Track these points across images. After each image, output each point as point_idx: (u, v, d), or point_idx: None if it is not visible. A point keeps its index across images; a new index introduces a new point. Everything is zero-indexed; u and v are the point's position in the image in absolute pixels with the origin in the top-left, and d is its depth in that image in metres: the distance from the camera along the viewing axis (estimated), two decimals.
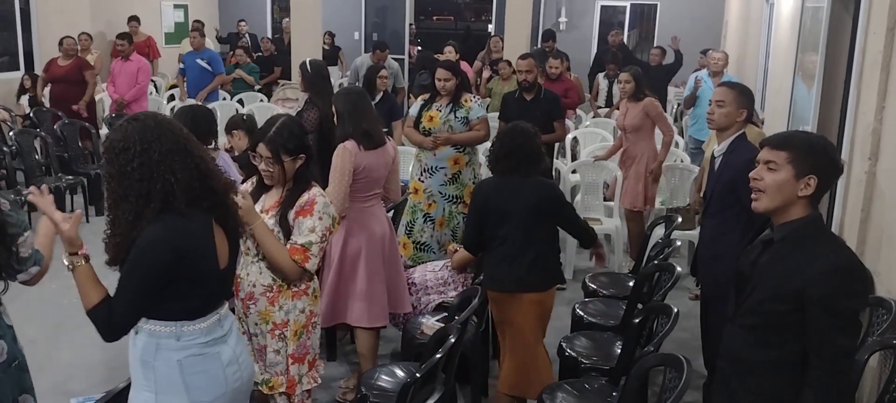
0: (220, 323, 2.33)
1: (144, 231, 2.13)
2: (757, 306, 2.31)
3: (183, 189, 2.16)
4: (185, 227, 2.17)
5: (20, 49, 10.63)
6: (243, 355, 2.43)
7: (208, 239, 2.25)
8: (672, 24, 14.03)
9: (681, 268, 3.65)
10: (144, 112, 2.30)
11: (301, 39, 10.00)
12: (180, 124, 2.30)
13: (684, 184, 6.40)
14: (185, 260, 2.16)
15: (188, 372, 2.25)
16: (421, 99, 5.43)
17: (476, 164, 5.36)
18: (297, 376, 3.01)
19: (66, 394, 3.78)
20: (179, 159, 2.18)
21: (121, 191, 2.16)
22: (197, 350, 2.26)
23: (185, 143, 2.22)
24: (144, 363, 2.27)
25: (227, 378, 2.32)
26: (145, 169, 2.13)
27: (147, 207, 2.14)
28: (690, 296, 5.46)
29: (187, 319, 2.25)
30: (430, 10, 18.68)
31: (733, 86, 3.73)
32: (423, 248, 5.18)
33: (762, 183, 2.30)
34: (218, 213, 2.28)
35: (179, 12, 13.91)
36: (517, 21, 9.78)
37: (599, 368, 3.49)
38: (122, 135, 2.16)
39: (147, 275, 2.14)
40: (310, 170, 3.00)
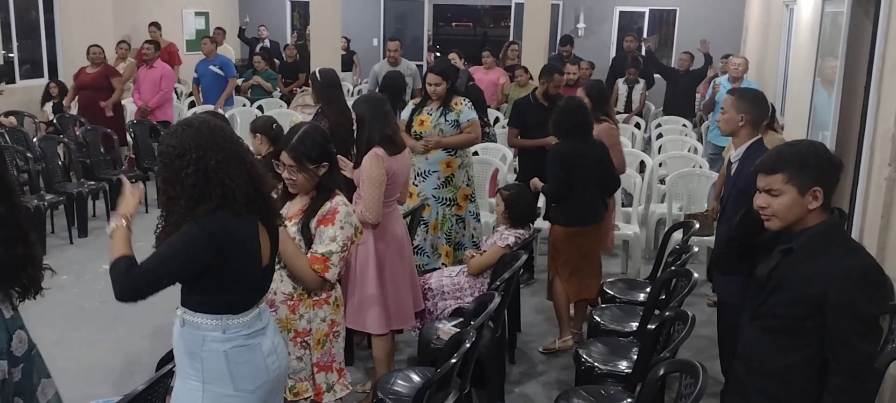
0: (260, 316, 2.44)
1: (197, 221, 2.22)
2: (776, 309, 2.30)
3: (239, 193, 2.26)
4: (234, 227, 2.27)
5: (44, 57, 10.80)
6: (280, 346, 2.53)
7: (255, 239, 2.35)
8: (691, 29, 13.96)
9: (698, 275, 3.63)
10: (198, 117, 2.38)
11: (320, 46, 10.06)
12: (231, 130, 2.39)
13: (702, 190, 6.37)
14: (225, 255, 2.25)
15: (234, 363, 2.36)
16: (412, 103, 5.48)
17: (469, 166, 5.38)
18: (325, 384, 3.01)
19: (86, 396, 3.82)
20: (235, 165, 2.28)
21: (174, 193, 2.26)
22: (241, 342, 2.37)
23: (238, 149, 2.32)
24: (192, 354, 2.37)
25: (267, 368, 2.43)
26: (201, 174, 2.23)
27: (199, 207, 2.24)
28: (709, 302, 5.43)
29: (231, 313, 2.35)
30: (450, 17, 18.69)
31: (734, 92, 3.75)
32: (416, 251, 5.19)
33: (770, 209, 2.31)
34: (263, 214, 2.39)
35: (200, 19, 14.05)
36: (535, 27, 9.79)
37: (615, 374, 3.47)
38: (177, 142, 2.26)
39: (180, 260, 2.23)
40: (334, 178, 3.01)
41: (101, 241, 6.80)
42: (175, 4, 13.20)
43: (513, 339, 4.69)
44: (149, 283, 2.23)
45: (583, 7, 15.05)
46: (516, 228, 4.37)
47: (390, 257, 3.84)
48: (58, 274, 5.71)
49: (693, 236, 4.57)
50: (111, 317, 5.08)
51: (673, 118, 9.58)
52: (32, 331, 2.71)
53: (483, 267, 4.27)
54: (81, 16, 10.87)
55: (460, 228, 5.27)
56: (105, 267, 2.30)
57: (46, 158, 6.98)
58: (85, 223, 6.90)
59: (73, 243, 6.64)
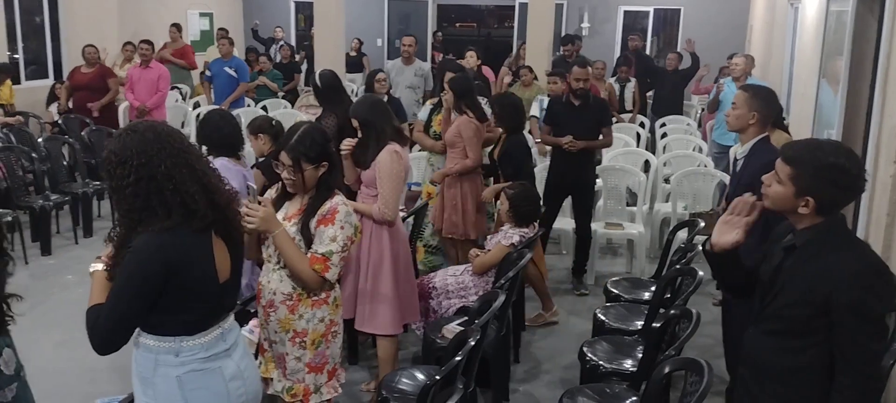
0: (223, 337, 2.27)
1: (137, 240, 2.08)
2: (781, 311, 2.29)
3: (190, 204, 2.11)
4: (179, 240, 2.11)
5: (49, 57, 10.83)
6: (249, 369, 2.36)
7: (205, 253, 2.18)
8: (695, 29, 13.94)
9: (703, 273, 3.63)
10: (144, 123, 2.21)
11: (324, 47, 10.08)
12: (182, 135, 2.24)
13: (707, 189, 6.35)
14: (176, 273, 2.10)
15: (188, 388, 2.20)
16: (429, 103, 5.46)
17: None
18: (313, 386, 2.97)
19: (92, 395, 3.82)
20: (186, 173, 2.13)
21: (117, 204, 2.13)
22: (197, 366, 2.20)
23: (188, 157, 2.16)
24: (144, 379, 2.23)
25: (229, 393, 2.26)
26: (143, 184, 2.08)
27: (142, 221, 2.10)
28: (714, 302, 5.42)
29: (186, 334, 2.19)
30: (454, 17, 18.71)
31: (747, 89, 3.72)
32: (433, 251, 5.19)
33: (768, 190, 2.33)
34: (218, 227, 2.22)
35: (205, 20, 14.08)
36: (539, 27, 9.77)
37: (620, 372, 3.47)
38: (119, 148, 2.11)
39: (134, 285, 2.08)
40: (333, 177, 2.97)
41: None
42: (180, 5, 13.22)
43: (517, 338, 4.68)
44: (117, 328, 2.10)
45: (587, 6, 15.04)
46: (520, 227, 4.37)
47: (403, 254, 3.86)
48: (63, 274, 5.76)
49: (698, 235, 4.56)
50: None
51: (678, 117, 9.57)
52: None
53: (487, 266, 4.26)
54: (86, 17, 10.90)
55: None
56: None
57: (51, 158, 7.00)
58: (90, 223, 6.92)
59: (78, 243, 6.66)
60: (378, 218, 3.70)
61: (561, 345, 4.87)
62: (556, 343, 4.91)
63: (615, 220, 6.14)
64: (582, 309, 5.42)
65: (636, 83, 9.82)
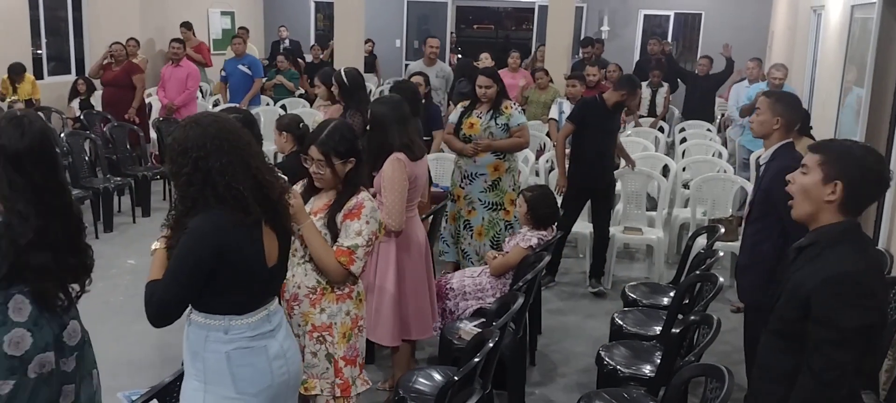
0: (269, 318, 2.39)
1: (192, 222, 2.22)
2: (779, 313, 2.29)
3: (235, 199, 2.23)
4: (235, 226, 2.23)
5: (72, 54, 10.94)
6: (291, 350, 2.48)
7: (256, 239, 2.30)
8: (716, 33, 13.86)
9: (723, 279, 3.61)
10: (208, 115, 2.36)
11: (344, 47, 10.11)
12: (244, 131, 2.36)
13: (726, 195, 6.32)
14: (227, 257, 2.22)
15: (235, 364, 2.32)
16: (461, 106, 5.44)
17: (516, 171, 5.35)
18: (350, 379, 3.02)
19: (113, 389, 3.85)
20: (240, 170, 2.25)
21: (176, 188, 2.28)
22: (244, 344, 2.33)
23: (243, 154, 2.28)
24: (194, 353, 2.36)
25: (272, 372, 2.38)
26: (198, 175, 2.21)
27: (195, 206, 2.22)
28: (732, 308, 5.39)
29: (235, 314, 2.32)
30: (471, 19, 18.70)
31: (770, 94, 3.71)
32: (463, 255, 5.20)
33: (794, 187, 2.29)
34: (268, 217, 2.34)
35: (226, 19, 14.16)
36: (558, 30, 9.76)
37: (638, 378, 3.46)
38: (182, 138, 2.25)
39: (187, 265, 2.21)
40: (359, 173, 3.01)
41: (126, 237, 6.87)
42: (201, 4, 13.31)
43: (533, 341, 4.67)
44: (170, 304, 2.24)
45: (607, 9, 14.99)
46: (539, 229, 4.36)
47: (412, 266, 3.83)
48: None
49: (718, 241, 4.53)
50: (136, 311, 5.06)
51: (697, 122, 9.51)
52: None
53: (505, 268, 4.26)
54: (109, 14, 11.01)
55: (508, 234, 5.21)
56: (131, 261, 2.34)
57: (73, 154, 7.07)
58: (110, 218, 6.98)
59: (99, 238, 6.72)
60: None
61: (577, 349, 4.86)
62: (573, 347, 4.89)
63: (634, 224, 6.11)
64: (599, 313, 5.41)
65: (668, 88, 9.80)
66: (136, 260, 6.02)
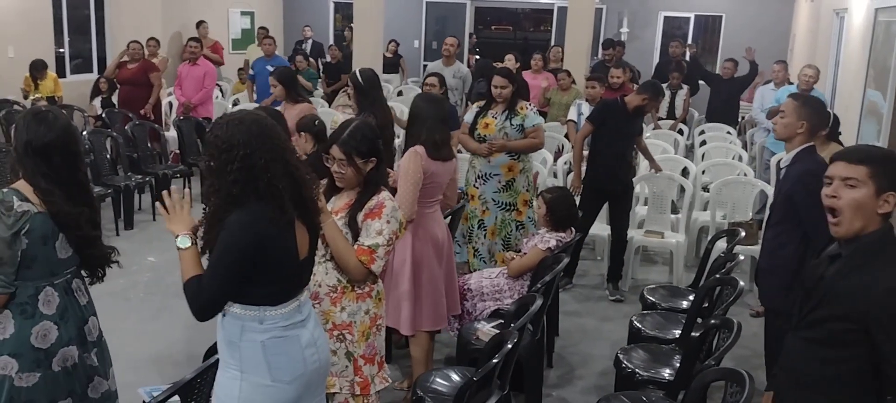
0: (300, 308, 2.46)
1: (232, 216, 2.27)
2: (819, 322, 2.25)
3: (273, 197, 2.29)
4: (272, 220, 2.29)
5: (94, 53, 11.06)
6: (321, 339, 2.55)
7: (290, 232, 2.37)
8: (737, 35, 13.78)
9: (744, 283, 3.58)
10: (250, 114, 2.42)
11: (362, 47, 10.15)
12: (280, 129, 2.42)
13: (746, 198, 6.27)
14: (266, 248, 2.28)
15: (271, 353, 2.38)
16: (476, 105, 5.44)
17: (530, 172, 5.34)
18: (370, 376, 3.04)
19: (134, 385, 3.89)
20: (280, 167, 2.31)
21: (216, 185, 2.30)
22: (278, 333, 2.39)
23: (283, 152, 2.35)
24: (231, 343, 2.41)
25: (305, 360, 2.45)
26: (245, 172, 2.26)
27: (234, 203, 2.28)
28: (752, 312, 5.36)
29: (269, 304, 2.37)
30: (489, 20, 18.68)
31: (797, 98, 3.66)
32: (476, 255, 5.20)
33: (840, 202, 2.20)
34: (303, 212, 2.41)
35: (246, 19, 14.25)
36: (578, 31, 9.73)
37: (657, 381, 3.44)
38: (226, 135, 2.29)
39: (231, 256, 2.26)
40: (380, 173, 3.04)
41: (146, 234, 6.93)
42: (222, 3, 13.40)
43: (551, 343, 4.66)
44: (220, 295, 2.31)
45: (627, 11, 14.93)
46: (557, 231, 4.35)
47: (427, 258, 3.84)
48: None
49: (738, 244, 4.50)
50: (156, 308, 5.18)
51: (717, 125, 9.45)
52: None
53: (523, 270, 4.25)
54: (131, 13, 11.12)
55: (519, 235, 5.23)
56: (151, 258, 2.38)
57: (95, 151, 7.13)
58: (131, 215, 7.04)
59: (120, 235, 6.78)
60: None
61: (595, 352, 4.84)
62: (590, 350, 4.88)
63: (656, 228, 6.08)
64: (617, 316, 5.39)
65: (688, 90, 9.73)
66: (155, 258, 6.07)
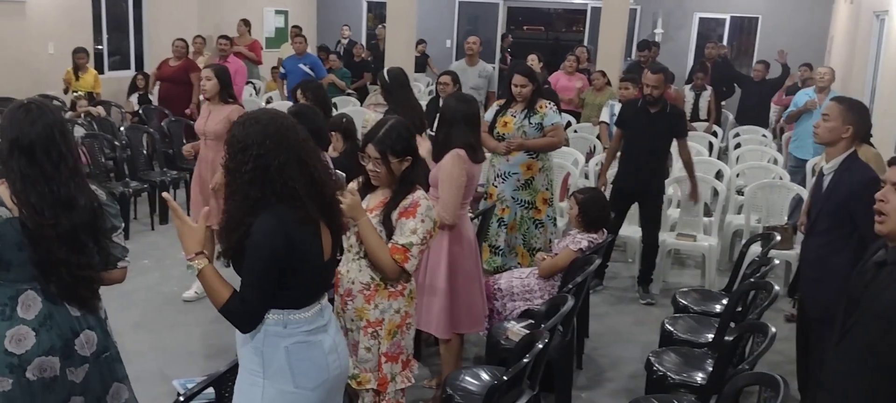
0: (322, 313, 2.42)
1: (257, 220, 2.21)
2: (863, 332, 2.19)
3: (290, 197, 2.24)
4: (296, 217, 2.25)
5: (131, 50, 11.24)
6: (342, 345, 2.52)
7: (315, 232, 2.33)
8: (773, 37, 13.59)
9: (779, 288, 3.53)
10: (267, 112, 2.36)
11: (395, 47, 10.19)
12: (301, 128, 2.37)
13: (781, 202, 6.18)
14: (294, 249, 2.24)
15: (294, 359, 2.34)
16: (496, 104, 5.45)
17: (550, 171, 5.33)
18: (389, 374, 3.04)
19: (168, 377, 3.95)
20: (296, 168, 2.25)
21: (234, 186, 2.26)
22: (302, 338, 2.35)
23: (301, 152, 2.28)
24: (253, 348, 2.35)
25: (328, 366, 2.40)
26: (258, 172, 2.21)
27: (255, 205, 2.22)
28: (786, 315, 5.29)
29: (293, 308, 2.33)
30: (521, 20, 18.62)
31: (842, 101, 3.59)
32: (496, 252, 5.19)
33: (888, 206, 2.21)
34: (325, 214, 2.37)
35: (280, 18, 14.37)
36: (612, 32, 9.66)
37: (689, 385, 3.41)
38: (242, 135, 2.24)
39: (266, 262, 2.21)
40: (415, 172, 3.03)
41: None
42: (257, 2, 13.53)
43: (581, 345, 4.64)
44: (264, 303, 2.26)
45: (661, 12, 14.80)
46: (589, 232, 4.33)
47: (463, 260, 3.85)
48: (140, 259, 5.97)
49: (773, 249, 4.44)
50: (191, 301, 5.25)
51: (752, 128, 9.33)
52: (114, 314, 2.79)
53: (554, 270, 4.24)
54: (168, 11, 11.28)
55: (538, 232, 5.23)
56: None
57: (132, 147, 7.27)
58: (166, 211, 7.14)
59: (155, 229, 6.88)
60: None
61: (625, 354, 4.81)
62: (621, 352, 4.85)
63: (688, 231, 6.02)
64: (648, 319, 5.35)
65: (712, 92, 9.61)
66: None
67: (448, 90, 6.08)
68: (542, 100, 5.27)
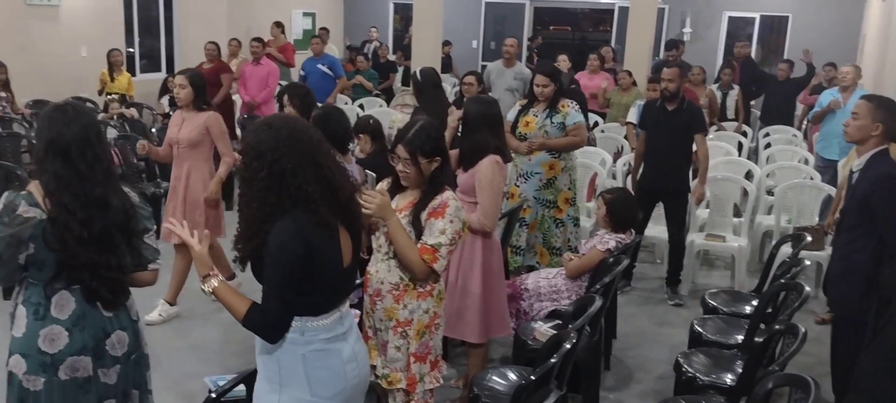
0: (341, 320, 2.38)
1: (274, 226, 2.19)
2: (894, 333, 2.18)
3: (305, 201, 2.21)
4: (313, 222, 2.22)
5: (162, 52, 11.41)
6: (361, 353, 2.48)
7: (332, 236, 2.30)
8: (804, 35, 13.42)
9: (809, 289, 3.50)
10: (280, 117, 2.34)
11: (421, 48, 10.21)
12: (315, 131, 2.34)
13: (812, 202, 6.11)
14: (313, 254, 2.21)
15: (311, 367, 2.31)
16: (519, 104, 5.45)
17: (572, 170, 5.31)
18: (418, 374, 3.05)
19: (199, 373, 4.00)
20: (310, 172, 2.23)
21: (249, 194, 2.24)
22: (319, 346, 2.32)
23: (315, 155, 2.26)
24: (271, 356, 2.33)
25: (346, 375, 2.37)
26: (273, 178, 2.19)
27: (272, 212, 2.20)
28: (817, 320, 5.22)
29: (311, 315, 2.30)
30: (548, 20, 18.56)
31: (872, 99, 3.55)
32: (517, 251, 5.18)
33: None
34: (343, 218, 2.34)
35: (307, 20, 14.49)
36: (639, 32, 9.59)
37: (718, 386, 3.38)
38: (256, 141, 2.23)
39: (285, 268, 2.19)
40: (444, 172, 3.03)
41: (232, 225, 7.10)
42: (285, 4, 13.65)
43: (608, 346, 4.63)
44: (286, 312, 2.25)
45: (690, 11, 14.68)
46: (617, 232, 4.32)
47: (495, 265, 3.86)
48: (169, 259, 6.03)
49: (804, 250, 4.39)
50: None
51: (782, 127, 9.23)
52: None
53: (581, 270, 4.23)
54: (198, 14, 11.43)
55: (558, 231, 5.23)
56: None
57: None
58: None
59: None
60: (476, 228, 3.71)
61: (653, 355, 4.79)
62: (649, 353, 4.83)
63: (717, 232, 5.97)
64: (676, 320, 5.32)
65: (740, 91, 9.50)
66: None
67: (473, 91, 6.07)
68: (565, 99, 5.26)
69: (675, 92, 5.46)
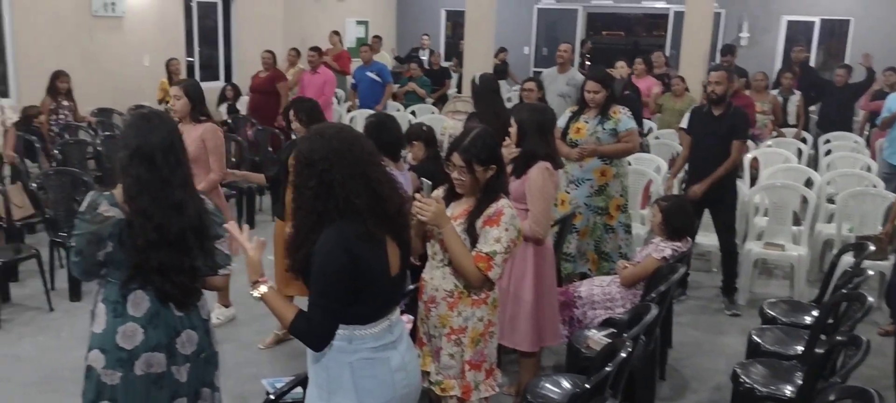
0: (390, 329, 2.38)
1: (321, 237, 2.22)
2: None
3: (352, 212, 2.23)
4: (358, 232, 2.24)
5: (220, 61, 11.69)
6: (412, 363, 2.47)
7: (380, 247, 2.31)
8: (865, 39, 13.04)
9: (873, 300, 3.41)
10: (333, 127, 2.38)
11: (473, 54, 10.25)
12: (367, 142, 2.35)
13: (876, 211, 5.94)
14: (359, 264, 2.23)
15: (358, 376, 2.32)
16: (570, 110, 5.43)
17: (624, 176, 5.26)
18: (473, 382, 3.05)
19: (255, 376, 4.08)
20: (360, 183, 2.23)
21: (299, 201, 2.28)
22: (367, 355, 2.32)
23: (365, 167, 2.27)
24: (318, 363, 2.36)
25: (395, 384, 2.37)
26: (322, 188, 2.21)
27: (319, 221, 2.23)
28: (880, 331, 5.07)
29: (359, 324, 2.31)
30: (600, 26, 18.43)
31: None
32: (567, 259, 5.16)
33: None
34: (391, 229, 2.34)
35: (361, 28, 14.67)
36: (695, 36, 9.46)
37: (777, 398, 3.32)
38: (308, 150, 2.26)
39: (330, 277, 2.21)
40: (500, 181, 3.04)
41: (265, 233, 7.17)
42: (339, 13, 13.85)
43: (664, 355, 4.57)
44: (331, 321, 2.26)
45: (747, 15, 14.40)
46: (673, 240, 4.27)
47: (547, 272, 3.85)
48: None
49: (866, 259, 4.28)
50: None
51: (843, 134, 8.99)
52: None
53: (636, 279, 4.20)
54: (255, 24, 11.68)
55: (609, 238, 5.20)
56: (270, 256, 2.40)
57: None
58: (253, 216, 7.40)
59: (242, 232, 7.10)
60: (528, 236, 3.70)
61: (709, 365, 4.71)
62: (705, 363, 4.75)
63: (776, 240, 5.84)
64: (732, 330, 5.22)
65: (801, 96, 9.29)
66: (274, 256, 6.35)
67: (533, 97, 6.06)
68: (616, 105, 5.22)
69: (721, 95, 5.33)
